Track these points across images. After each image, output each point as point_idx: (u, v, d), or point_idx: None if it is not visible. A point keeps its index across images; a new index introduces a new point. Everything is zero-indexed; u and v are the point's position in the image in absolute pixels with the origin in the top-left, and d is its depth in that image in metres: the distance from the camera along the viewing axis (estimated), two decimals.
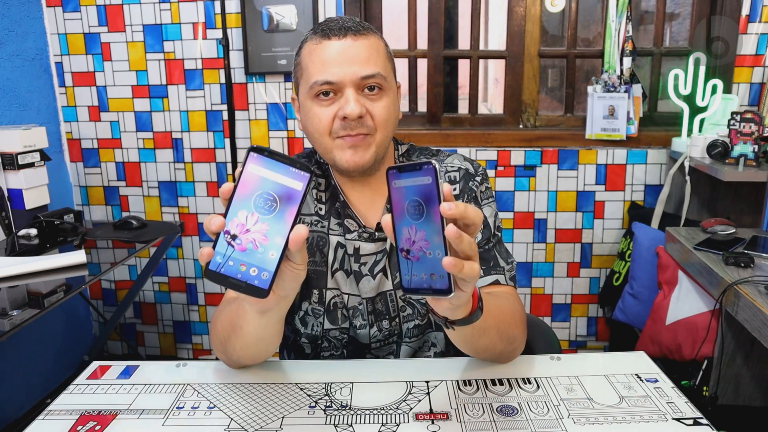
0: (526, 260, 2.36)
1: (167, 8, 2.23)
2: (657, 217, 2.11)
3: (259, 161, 0.59)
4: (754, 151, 1.82)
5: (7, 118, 2.09)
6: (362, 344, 1.01)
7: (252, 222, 0.59)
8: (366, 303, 0.98)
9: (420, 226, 0.59)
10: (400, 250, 0.61)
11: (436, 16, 2.29)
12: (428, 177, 0.58)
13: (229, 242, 0.59)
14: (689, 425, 0.76)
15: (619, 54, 2.13)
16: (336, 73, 0.89)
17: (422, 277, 0.60)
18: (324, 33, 0.91)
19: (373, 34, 0.94)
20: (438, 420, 0.78)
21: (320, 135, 0.93)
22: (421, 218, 0.59)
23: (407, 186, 0.60)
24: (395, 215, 0.61)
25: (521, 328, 0.91)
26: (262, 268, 0.60)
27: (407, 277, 0.62)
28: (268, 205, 0.59)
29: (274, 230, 0.59)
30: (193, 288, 2.50)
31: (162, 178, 2.39)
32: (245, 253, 0.59)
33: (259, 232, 0.59)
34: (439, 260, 0.58)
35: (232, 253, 0.59)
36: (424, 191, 0.59)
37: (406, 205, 0.60)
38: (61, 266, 1.52)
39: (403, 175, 0.60)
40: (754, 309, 1.33)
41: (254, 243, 0.59)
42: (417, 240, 0.60)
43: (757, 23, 2.08)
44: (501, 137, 2.26)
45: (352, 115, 0.89)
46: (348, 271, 0.99)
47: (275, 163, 0.59)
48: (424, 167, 0.58)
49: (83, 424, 0.78)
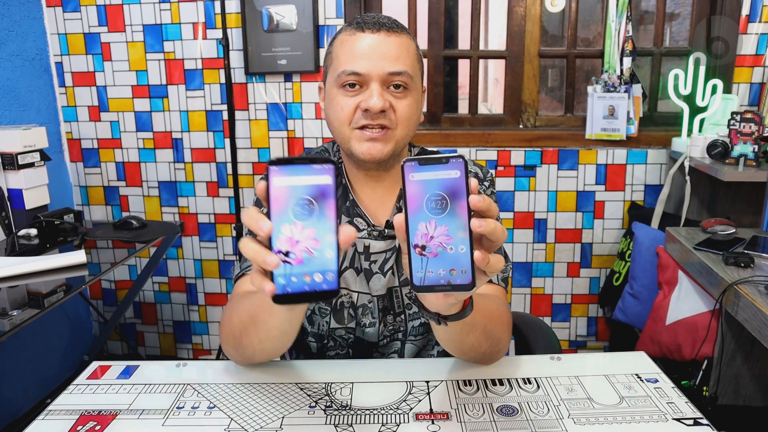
0: (526, 260, 2.36)
1: (167, 8, 2.23)
2: (657, 217, 2.11)
3: (281, 172, 0.58)
4: (754, 151, 1.82)
5: (7, 118, 2.09)
6: (369, 343, 1.01)
7: (298, 232, 0.58)
8: (376, 300, 0.99)
9: (442, 221, 0.58)
10: (414, 247, 0.60)
11: (436, 16, 2.29)
12: (457, 170, 0.58)
13: (285, 260, 0.58)
14: (689, 425, 0.76)
15: (619, 54, 2.13)
16: (364, 65, 0.91)
17: (440, 273, 0.60)
18: (359, 25, 0.93)
19: (407, 35, 0.96)
20: (438, 420, 0.78)
21: (340, 124, 0.94)
22: (443, 213, 0.58)
23: (429, 180, 0.58)
24: (410, 210, 0.59)
25: (507, 331, 0.91)
26: (325, 270, 0.59)
27: (420, 274, 0.60)
28: (306, 210, 0.58)
29: (321, 230, 0.58)
30: (193, 288, 2.50)
31: (162, 178, 2.39)
32: (304, 264, 0.58)
33: (308, 238, 0.58)
34: (463, 255, 0.58)
35: (292, 270, 0.58)
36: (450, 185, 0.58)
37: (425, 200, 0.59)
38: (61, 266, 1.52)
39: (424, 168, 0.58)
40: (754, 309, 1.33)
41: (309, 251, 0.58)
42: (437, 235, 0.59)
43: (757, 23, 2.08)
44: (501, 137, 2.26)
45: (374, 108, 0.90)
46: (358, 269, 0.99)
47: (296, 168, 0.58)
48: (452, 161, 0.58)
49: (83, 424, 0.78)
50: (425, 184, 0.58)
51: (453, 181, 0.58)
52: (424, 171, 0.58)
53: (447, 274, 0.59)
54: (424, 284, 0.60)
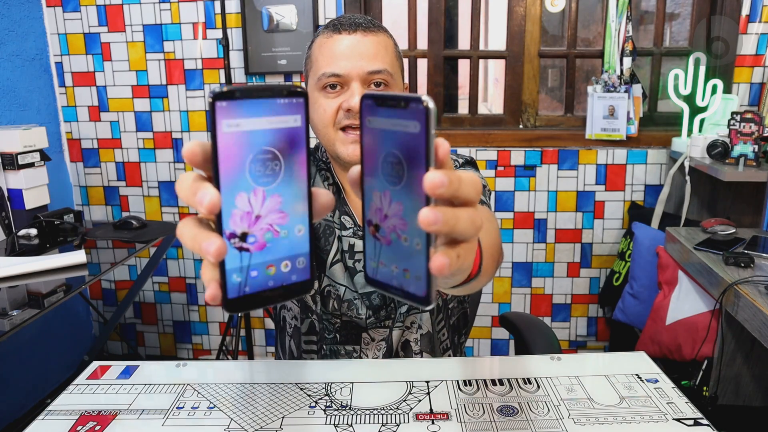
0: (526, 260, 2.36)
1: (167, 8, 2.23)
2: (657, 217, 2.11)
3: (234, 111, 0.38)
4: (754, 151, 1.82)
5: (7, 118, 2.09)
6: (358, 327, 1.02)
7: (259, 202, 0.40)
8: (362, 297, 1.00)
9: (397, 195, 0.40)
10: (367, 222, 0.43)
11: (436, 16, 2.29)
12: (415, 122, 0.38)
13: (241, 247, 0.39)
14: (689, 425, 0.76)
15: (619, 54, 2.13)
16: (344, 66, 0.92)
17: (392, 270, 0.42)
18: (335, 27, 0.94)
19: (384, 33, 0.97)
20: (438, 420, 0.78)
21: (324, 126, 0.95)
22: (399, 183, 0.40)
23: (385, 130, 0.40)
24: (365, 168, 0.42)
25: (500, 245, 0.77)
26: (295, 255, 0.42)
27: (373, 263, 0.43)
28: (269, 167, 0.40)
29: (290, 198, 0.41)
30: (193, 288, 2.50)
31: (162, 178, 2.39)
32: (267, 250, 0.41)
33: (273, 211, 0.40)
34: (418, 254, 0.40)
35: (251, 260, 0.40)
36: (407, 143, 0.38)
37: (381, 159, 0.40)
38: (61, 266, 1.52)
39: (381, 112, 0.40)
40: (754, 309, 1.33)
41: (273, 229, 0.41)
42: (391, 215, 0.41)
43: (757, 23, 2.08)
44: (501, 137, 2.26)
45: (356, 107, 0.91)
46: (344, 266, 1.00)
47: (254, 104, 0.38)
48: (411, 104, 0.38)
49: (83, 424, 0.78)
50: (381, 136, 0.40)
51: (411, 137, 0.38)
52: (380, 116, 0.40)
53: (399, 274, 0.41)
54: (377, 278, 0.43)
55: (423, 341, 1.02)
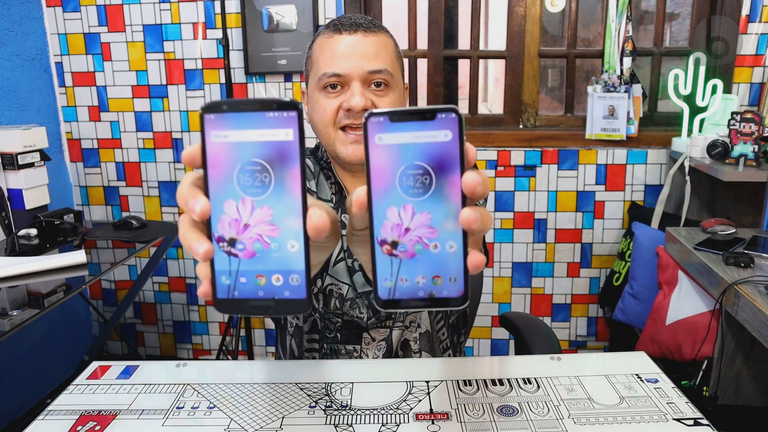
0: (526, 260, 2.36)
1: (167, 8, 2.23)
2: (657, 217, 2.11)
3: (221, 123, 0.40)
4: (754, 151, 1.82)
5: (7, 118, 2.09)
6: (359, 326, 1.02)
7: (247, 212, 0.41)
8: (362, 297, 1.00)
9: (423, 205, 0.42)
10: (380, 243, 0.43)
11: (436, 16, 2.29)
12: (447, 131, 0.40)
13: (230, 252, 0.42)
14: (690, 425, 0.76)
15: (619, 54, 2.13)
16: (344, 66, 0.92)
17: (417, 281, 0.43)
18: (336, 27, 0.95)
19: (384, 33, 0.97)
20: (438, 420, 0.78)
21: (324, 126, 0.96)
22: (425, 194, 0.41)
23: (404, 144, 0.41)
24: (376, 189, 0.42)
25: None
26: (288, 270, 0.42)
27: (388, 283, 0.43)
28: (257, 179, 0.41)
29: (281, 212, 0.42)
30: (193, 288, 2.50)
31: (162, 178, 2.39)
32: (257, 259, 0.42)
33: (262, 221, 0.42)
34: (453, 256, 0.42)
35: (240, 266, 0.42)
36: (437, 152, 0.41)
37: (399, 174, 0.42)
38: (61, 266, 1.52)
39: (398, 126, 0.41)
40: (754, 309, 1.33)
41: (262, 240, 0.42)
42: (415, 227, 0.42)
43: (757, 23, 2.08)
44: (501, 137, 2.26)
45: (356, 107, 0.91)
46: (345, 264, 1.00)
47: (243, 116, 0.40)
48: (441, 116, 0.40)
49: (83, 424, 0.78)
50: (399, 151, 0.41)
51: (442, 146, 0.41)
52: (397, 131, 0.41)
53: (428, 283, 0.43)
54: (394, 297, 0.44)
55: (422, 340, 1.02)
